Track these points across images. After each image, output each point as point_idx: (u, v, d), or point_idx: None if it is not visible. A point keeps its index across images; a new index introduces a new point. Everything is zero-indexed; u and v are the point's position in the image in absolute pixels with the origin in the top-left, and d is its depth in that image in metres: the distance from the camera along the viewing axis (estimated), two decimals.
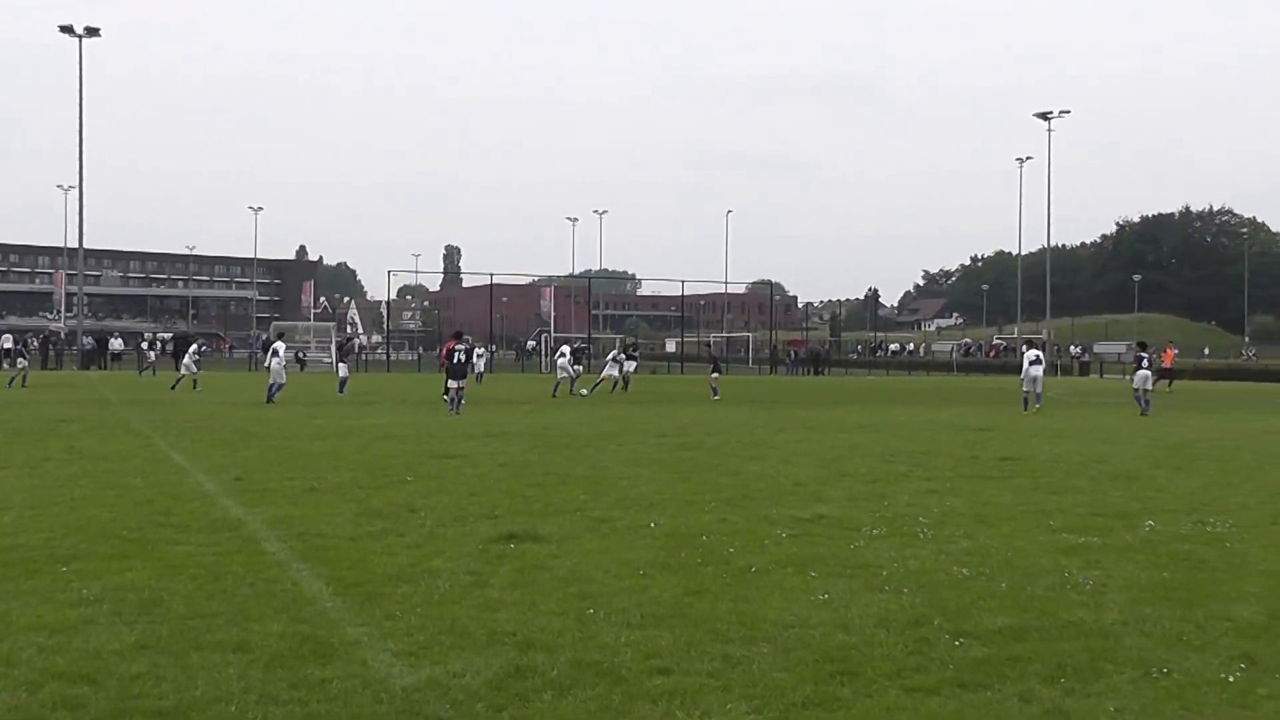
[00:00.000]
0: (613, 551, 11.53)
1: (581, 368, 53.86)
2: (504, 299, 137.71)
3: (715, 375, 49.38)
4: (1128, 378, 41.18)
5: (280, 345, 40.36)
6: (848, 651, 7.99)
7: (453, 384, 34.30)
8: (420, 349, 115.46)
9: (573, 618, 8.83)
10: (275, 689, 7.10)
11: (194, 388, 45.76)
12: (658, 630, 8.50)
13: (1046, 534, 12.86)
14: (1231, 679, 7.55)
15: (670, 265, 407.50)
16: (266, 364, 40.24)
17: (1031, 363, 38.77)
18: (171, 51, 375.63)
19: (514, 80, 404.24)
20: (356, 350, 64.64)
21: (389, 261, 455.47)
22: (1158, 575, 10.63)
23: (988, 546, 11.99)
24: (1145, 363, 39.09)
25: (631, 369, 51.83)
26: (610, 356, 52.12)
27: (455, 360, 34.91)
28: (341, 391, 43.71)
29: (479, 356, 54.50)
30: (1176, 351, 65.55)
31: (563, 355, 49.60)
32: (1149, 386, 37.95)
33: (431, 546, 11.71)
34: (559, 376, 47.38)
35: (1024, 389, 38.25)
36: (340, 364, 48.15)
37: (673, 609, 9.15)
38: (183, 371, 48.42)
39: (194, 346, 51.87)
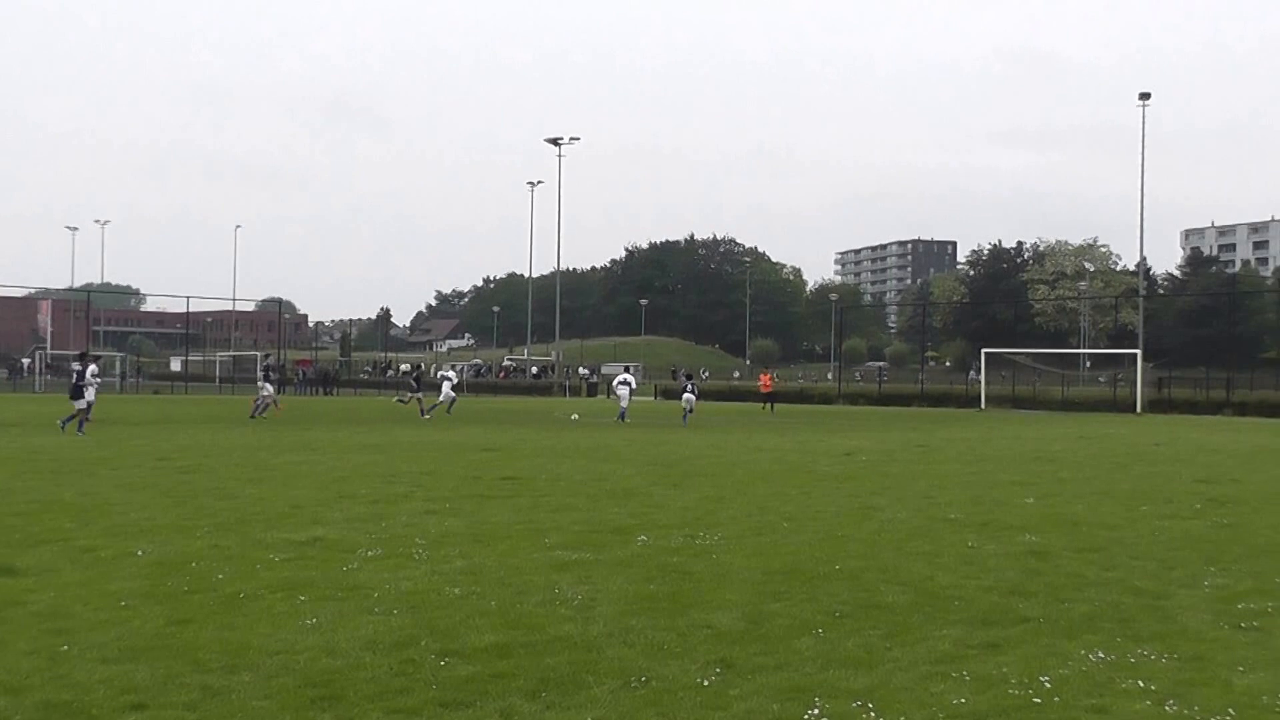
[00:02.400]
0: (95, 583, 10.96)
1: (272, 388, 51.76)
2: None
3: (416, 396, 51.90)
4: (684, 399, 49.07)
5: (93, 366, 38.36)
6: (332, 676, 7.85)
7: (79, 403, 34.22)
8: None
9: (45, 656, 8.32)
10: None
11: None
12: (135, 664, 8.12)
13: (541, 551, 13.04)
14: (707, 683, 7.82)
15: (178, 281, 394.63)
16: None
17: (620, 384, 47.38)
18: None
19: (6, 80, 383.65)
20: None
21: None
22: (645, 588, 10.93)
23: (482, 565, 12.06)
24: (691, 387, 49.14)
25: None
26: (442, 374, 54.07)
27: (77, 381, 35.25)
28: None
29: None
30: (773, 377, 69.32)
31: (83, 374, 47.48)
32: (692, 407, 47.02)
33: None
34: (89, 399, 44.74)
35: (621, 405, 45.98)
36: None
37: (154, 640, 8.78)
38: None
39: None
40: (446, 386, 52.00)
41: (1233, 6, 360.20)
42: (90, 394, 35.45)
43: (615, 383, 47.72)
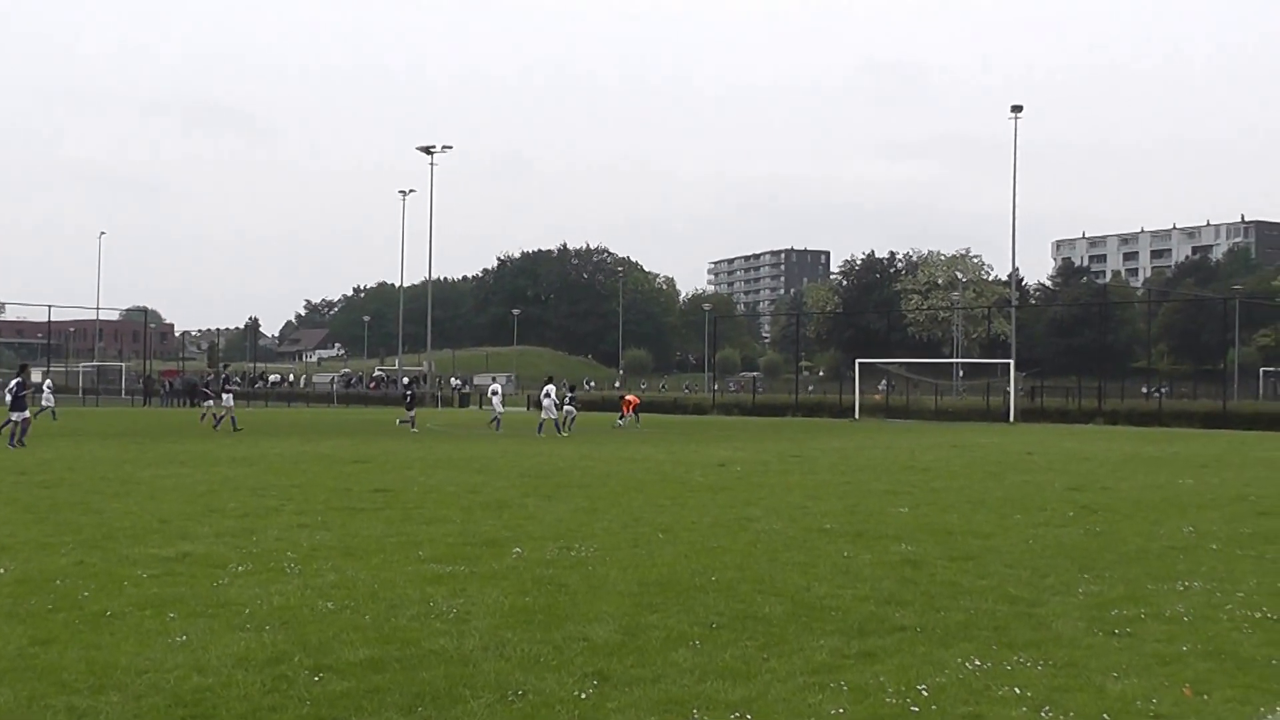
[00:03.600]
0: None
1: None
2: None
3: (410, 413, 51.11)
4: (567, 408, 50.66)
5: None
6: (203, 694, 7.67)
7: (18, 415, 33.92)
8: None
9: None
10: None
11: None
12: None
13: (415, 564, 12.90)
14: (584, 696, 7.78)
15: (39, 289, 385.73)
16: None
17: (544, 396, 49.29)
18: None
19: None
20: None
21: None
22: (520, 600, 10.85)
23: (355, 579, 11.90)
24: (571, 398, 50.89)
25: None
26: (491, 390, 54.29)
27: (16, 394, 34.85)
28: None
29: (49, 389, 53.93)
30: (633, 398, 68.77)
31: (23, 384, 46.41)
32: (565, 414, 48.74)
33: None
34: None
35: (543, 416, 47.86)
36: None
37: (16, 661, 8.52)
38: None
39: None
40: (496, 401, 51.43)
41: (1099, 25, 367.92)
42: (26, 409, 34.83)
43: (542, 397, 49.26)
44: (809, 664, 8.68)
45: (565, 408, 49.95)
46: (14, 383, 35.88)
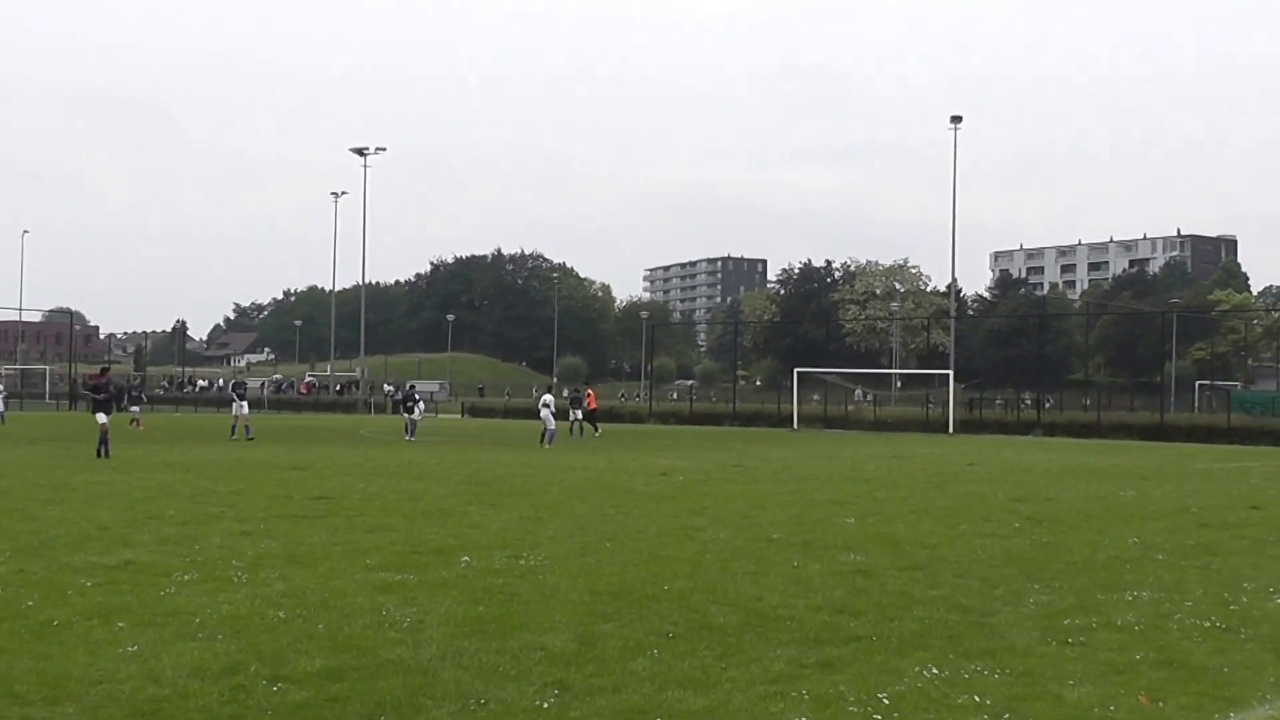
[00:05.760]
0: None
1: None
2: None
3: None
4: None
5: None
6: (159, 705, 7.57)
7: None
8: None
9: None
10: None
11: None
12: None
13: (363, 573, 12.80)
14: (545, 705, 7.75)
15: None
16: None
17: (543, 405, 47.23)
18: None
19: None
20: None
21: None
22: (473, 609, 10.79)
23: (304, 588, 11.78)
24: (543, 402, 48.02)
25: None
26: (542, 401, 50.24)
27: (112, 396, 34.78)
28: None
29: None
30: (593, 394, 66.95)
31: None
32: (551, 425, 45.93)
33: None
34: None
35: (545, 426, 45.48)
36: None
37: None
38: None
39: None
40: (546, 414, 48.13)
41: (1034, 36, 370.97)
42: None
43: (540, 405, 47.17)
44: (768, 673, 8.67)
45: (573, 412, 49.59)
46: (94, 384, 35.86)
